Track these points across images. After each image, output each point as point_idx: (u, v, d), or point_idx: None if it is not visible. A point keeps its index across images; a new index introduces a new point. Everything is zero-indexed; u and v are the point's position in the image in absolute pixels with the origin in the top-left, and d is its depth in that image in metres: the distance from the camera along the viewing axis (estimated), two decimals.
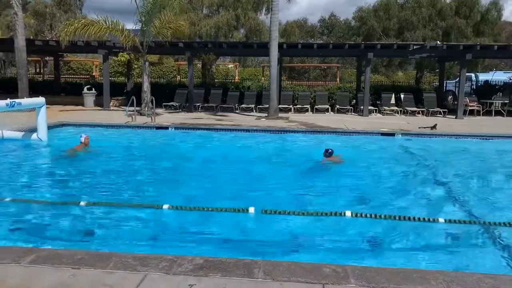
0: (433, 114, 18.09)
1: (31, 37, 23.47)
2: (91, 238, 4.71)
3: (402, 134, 12.20)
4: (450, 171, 8.50)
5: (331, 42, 22.49)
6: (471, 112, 18.22)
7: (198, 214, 5.31)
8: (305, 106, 19.24)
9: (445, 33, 23.97)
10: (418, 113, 18.44)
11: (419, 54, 19.57)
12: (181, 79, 28.96)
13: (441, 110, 18.17)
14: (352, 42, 21.65)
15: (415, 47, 17.76)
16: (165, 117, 15.75)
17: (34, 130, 10.24)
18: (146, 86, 16.38)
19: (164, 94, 19.88)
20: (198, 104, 18.92)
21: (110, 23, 15.72)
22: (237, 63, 37.12)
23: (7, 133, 10.27)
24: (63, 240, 4.57)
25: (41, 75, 30.36)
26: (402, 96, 19.49)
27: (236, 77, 32.21)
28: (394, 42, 20.08)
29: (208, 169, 8.27)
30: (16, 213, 5.31)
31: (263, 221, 5.17)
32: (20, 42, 16.88)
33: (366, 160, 9.28)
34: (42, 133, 10.14)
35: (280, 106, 17.74)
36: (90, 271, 3.12)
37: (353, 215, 5.19)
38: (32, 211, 5.39)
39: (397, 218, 5.17)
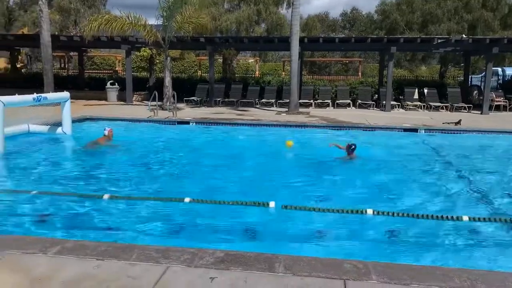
0: (458, 109, 17.71)
1: (56, 33, 23.95)
2: (114, 230, 4.79)
3: (425, 129, 11.99)
4: (474, 167, 8.32)
5: (353, 36, 22.21)
6: (497, 108, 17.78)
7: (218, 207, 5.34)
8: (326, 101, 19.08)
9: (471, 26, 23.37)
10: (442, 108, 18.09)
11: (443, 48, 19.18)
12: (202, 74, 29.11)
13: (465, 105, 17.78)
14: (375, 36, 21.35)
15: (439, 41, 17.39)
16: (186, 111, 15.87)
17: (59, 124, 10.46)
18: (167, 81, 16.52)
19: (185, 89, 20.04)
20: (219, 99, 19.00)
21: (132, 18, 15.90)
22: (258, 58, 37.06)
23: (33, 127, 10.52)
24: (87, 231, 4.66)
25: (66, 70, 30.99)
26: (425, 91, 19.13)
27: (257, 72, 32.18)
28: (418, 36, 19.71)
29: (227, 163, 8.30)
30: (42, 205, 5.44)
31: (284, 216, 5.16)
32: (46, 38, 17.25)
33: (388, 156, 9.17)
34: (66, 127, 10.35)
35: (300, 101, 17.65)
36: (113, 263, 3.18)
37: (375, 213, 5.12)
38: (58, 203, 5.51)
39: (419, 216, 5.09)
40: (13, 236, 3.91)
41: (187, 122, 12.93)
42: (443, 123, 13.07)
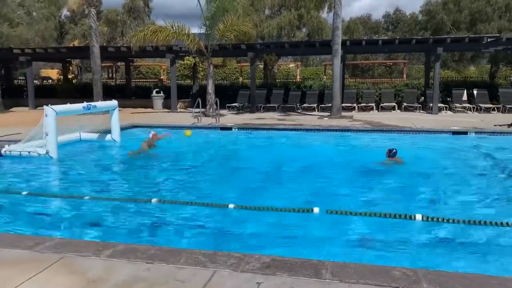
0: (510, 111, 16.88)
1: (104, 44, 24.99)
2: (162, 234, 4.91)
3: (475, 132, 11.51)
4: None
5: (397, 37, 21.71)
6: None
7: (262, 213, 5.36)
8: (369, 104, 18.76)
9: None
10: (493, 110, 17.31)
11: (493, 47, 18.38)
12: (243, 81, 29.39)
13: None
14: (420, 37, 20.77)
15: (489, 39, 16.70)
16: (229, 117, 16.07)
17: (108, 131, 10.88)
18: (210, 88, 16.83)
19: (227, 96, 20.31)
20: (260, 104, 19.11)
21: (176, 28, 16.35)
22: (299, 63, 36.99)
23: (84, 135, 11.00)
24: (137, 235, 4.81)
25: (113, 80, 32.23)
26: (475, 92, 18.38)
27: (298, 77, 32.10)
28: (466, 35, 18.99)
29: (270, 168, 8.31)
30: (93, 209, 5.66)
31: (328, 221, 5.11)
32: (95, 50, 18.05)
33: (436, 160, 8.87)
34: (115, 134, 10.75)
35: (343, 104, 17.44)
36: (163, 266, 3.27)
37: (424, 218, 4.96)
38: (108, 208, 5.72)
39: (470, 222, 4.88)
40: (69, 239, 4.09)
41: (230, 128, 13.09)
42: (494, 125, 12.50)
